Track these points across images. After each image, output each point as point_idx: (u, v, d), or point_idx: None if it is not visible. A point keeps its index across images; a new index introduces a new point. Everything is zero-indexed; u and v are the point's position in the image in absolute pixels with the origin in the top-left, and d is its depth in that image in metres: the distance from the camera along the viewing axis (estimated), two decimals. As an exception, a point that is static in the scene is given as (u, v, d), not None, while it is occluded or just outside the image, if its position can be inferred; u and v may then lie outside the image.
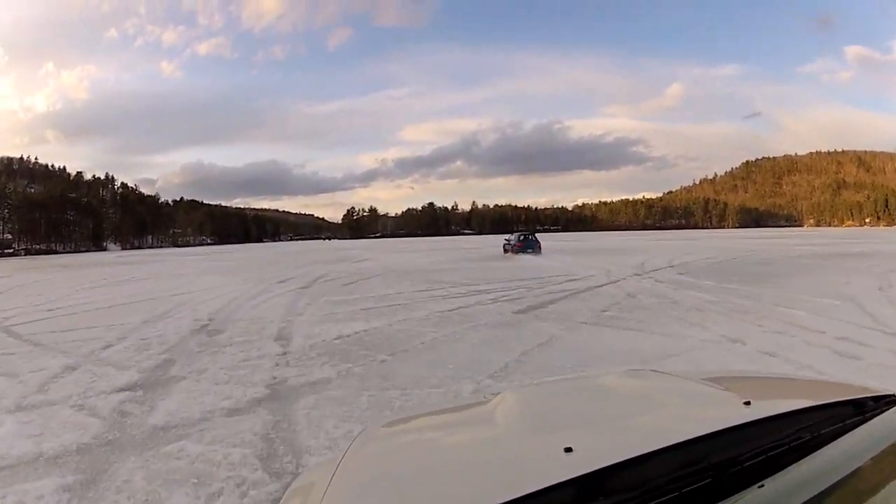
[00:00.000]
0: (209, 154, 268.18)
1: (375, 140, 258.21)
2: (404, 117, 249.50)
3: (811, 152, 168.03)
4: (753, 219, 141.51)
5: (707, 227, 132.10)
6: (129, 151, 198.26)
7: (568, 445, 0.73)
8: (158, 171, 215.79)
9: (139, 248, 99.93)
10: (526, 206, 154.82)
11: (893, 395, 0.92)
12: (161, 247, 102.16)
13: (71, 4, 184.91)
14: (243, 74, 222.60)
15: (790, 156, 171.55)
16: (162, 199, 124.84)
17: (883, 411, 0.87)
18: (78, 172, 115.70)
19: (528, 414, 1.00)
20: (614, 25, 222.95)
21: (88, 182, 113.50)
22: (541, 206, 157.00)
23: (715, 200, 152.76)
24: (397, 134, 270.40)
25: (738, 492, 0.66)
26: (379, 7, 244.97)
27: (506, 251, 24.80)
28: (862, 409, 0.87)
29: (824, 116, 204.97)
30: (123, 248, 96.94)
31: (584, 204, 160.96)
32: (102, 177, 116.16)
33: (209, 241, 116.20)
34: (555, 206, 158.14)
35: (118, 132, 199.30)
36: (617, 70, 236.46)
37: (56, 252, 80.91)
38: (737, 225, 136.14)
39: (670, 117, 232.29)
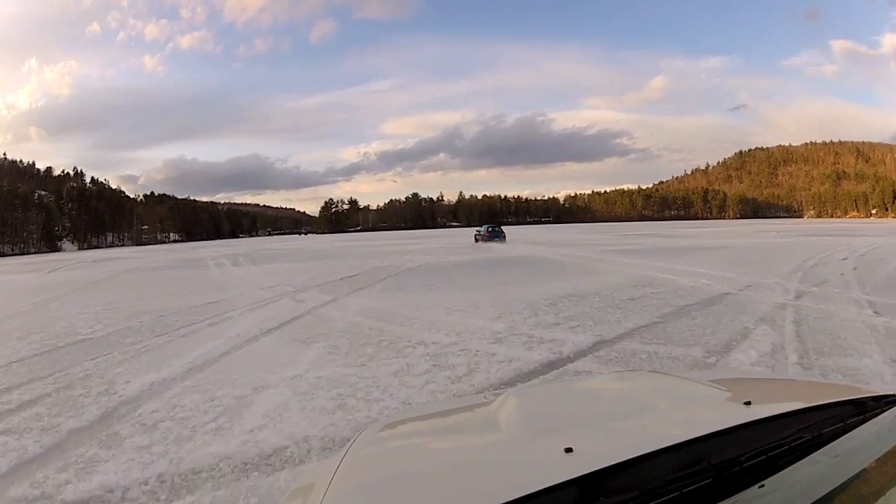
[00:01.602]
0: (191, 149, 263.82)
1: (358, 133, 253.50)
2: (387, 110, 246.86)
3: (806, 143, 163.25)
4: (752, 209, 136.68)
5: (707, 218, 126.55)
6: (111, 148, 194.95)
7: (568, 446, 0.72)
8: (141, 168, 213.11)
9: (97, 247, 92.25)
10: (515, 196, 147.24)
11: (894, 396, 0.92)
12: (123, 245, 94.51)
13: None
14: (226, 69, 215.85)
15: (784, 146, 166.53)
16: (136, 195, 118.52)
17: (883, 411, 0.86)
18: (47, 168, 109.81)
19: (528, 415, 0.99)
20: (597, 17, 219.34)
21: (56, 178, 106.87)
22: (531, 198, 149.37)
23: (714, 191, 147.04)
24: (380, 127, 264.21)
25: (738, 492, 0.66)
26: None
27: (476, 241, 27.00)
28: (862, 410, 0.86)
29: (810, 109, 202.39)
30: (80, 248, 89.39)
31: (576, 194, 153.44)
32: (74, 173, 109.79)
33: (177, 237, 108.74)
34: (546, 198, 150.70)
35: (101, 128, 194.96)
36: (600, 62, 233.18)
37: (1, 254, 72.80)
38: (737, 216, 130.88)
39: (654, 109, 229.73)
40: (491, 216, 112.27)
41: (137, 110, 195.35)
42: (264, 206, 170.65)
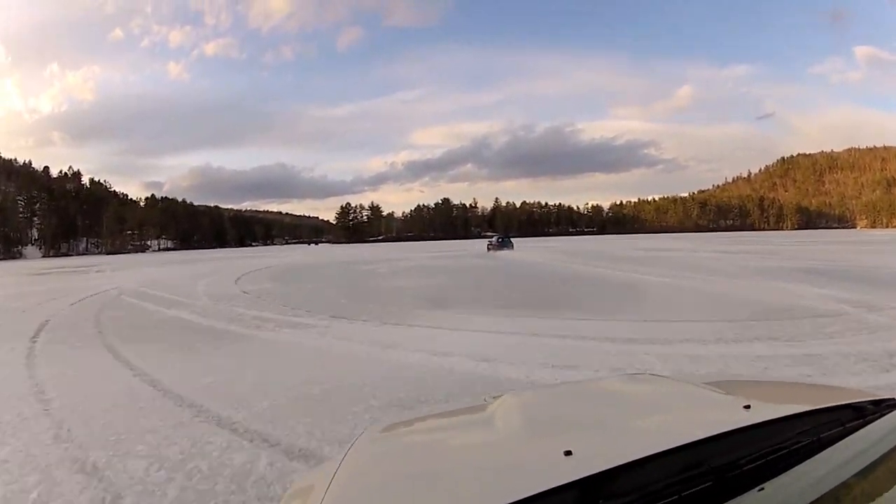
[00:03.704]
0: (217, 157, 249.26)
1: (385, 143, 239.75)
2: (414, 120, 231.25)
3: (849, 148, 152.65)
4: (804, 219, 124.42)
5: (765, 229, 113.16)
6: (136, 154, 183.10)
7: (568, 448, 0.72)
8: (167, 174, 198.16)
9: (66, 254, 74.22)
10: (557, 204, 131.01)
11: (894, 399, 0.91)
12: (98, 253, 76.64)
13: (75, 4, 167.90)
14: (251, 76, 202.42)
15: (827, 152, 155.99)
16: (137, 198, 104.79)
17: (883, 415, 0.85)
18: (45, 167, 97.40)
19: (528, 417, 0.98)
20: (624, 26, 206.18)
21: (52, 178, 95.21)
22: (572, 206, 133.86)
23: (771, 199, 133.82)
24: (407, 137, 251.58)
25: (738, 495, 0.65)
26: (389, 6, 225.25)
27: (489, 249, 31.52)
28: (862, 413, 0.85)
29: (838, 117, 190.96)
30: (45, 256, 71.47)
31: (622, 202, 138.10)
32: (72, 173, 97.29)
33: (170, 244, 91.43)
34: (590, 206, 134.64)
35: (125, 134, 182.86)
36: (627, 71, 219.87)
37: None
38: (795, 226, 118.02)
39: (681, 119, 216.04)
40: (531, 226, 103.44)
41: (162, 117, 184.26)
42: (286, 213, 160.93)
